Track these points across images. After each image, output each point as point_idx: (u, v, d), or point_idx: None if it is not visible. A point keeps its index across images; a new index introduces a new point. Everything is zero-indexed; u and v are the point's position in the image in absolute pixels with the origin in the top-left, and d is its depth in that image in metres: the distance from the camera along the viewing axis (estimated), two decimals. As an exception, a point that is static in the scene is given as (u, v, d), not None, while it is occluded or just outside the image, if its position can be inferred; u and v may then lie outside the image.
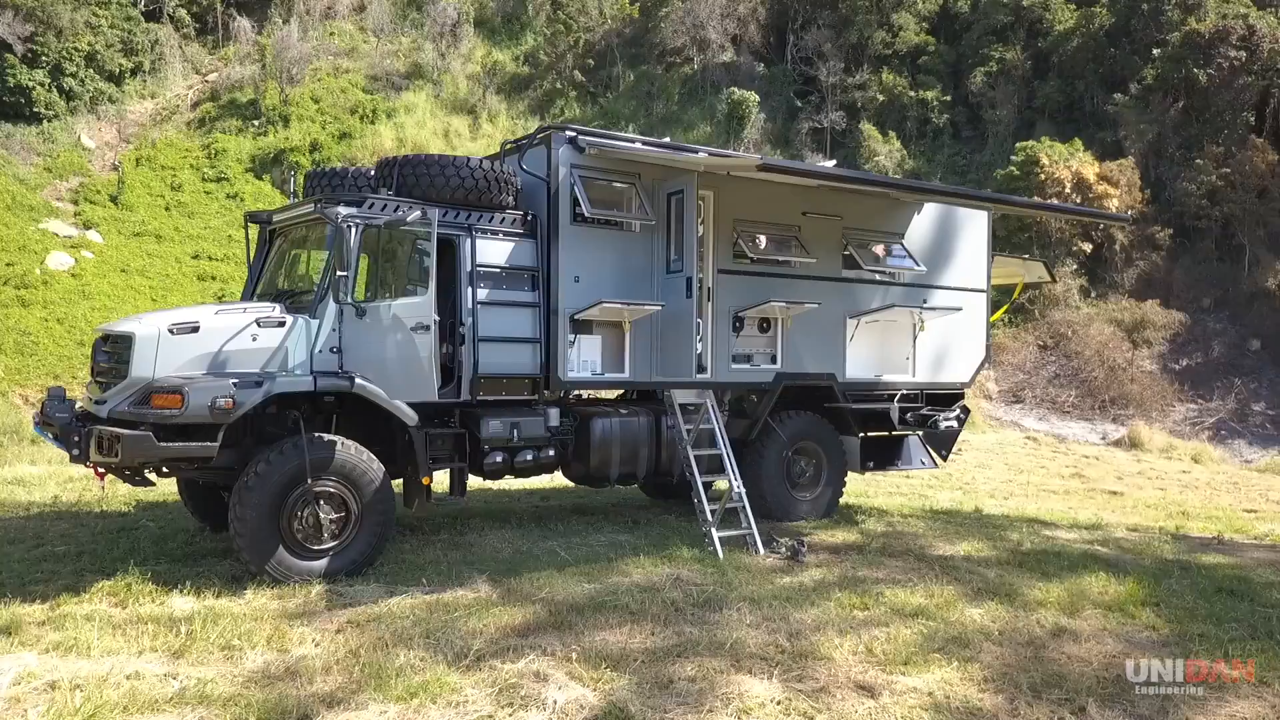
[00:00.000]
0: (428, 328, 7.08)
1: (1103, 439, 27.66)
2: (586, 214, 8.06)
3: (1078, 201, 31.17)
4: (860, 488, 14.12)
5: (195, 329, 6.81)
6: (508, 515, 10.37)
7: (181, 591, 6.82)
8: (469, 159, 8.00)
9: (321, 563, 7.09)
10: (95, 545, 8.20)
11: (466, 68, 42.62)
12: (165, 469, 7.18)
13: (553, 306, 8.16)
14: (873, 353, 10.26)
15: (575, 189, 8.09)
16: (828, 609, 6.98)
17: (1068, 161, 32.44)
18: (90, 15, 38.73)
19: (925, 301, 10.48)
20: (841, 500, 10.72)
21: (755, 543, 8.49)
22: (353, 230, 7.22)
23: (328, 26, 44.36)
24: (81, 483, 11.51)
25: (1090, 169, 32.48)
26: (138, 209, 29.59)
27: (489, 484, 12.21)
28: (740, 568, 7.88)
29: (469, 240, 7.84)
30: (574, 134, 8.21)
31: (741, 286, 9.17)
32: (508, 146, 8.99)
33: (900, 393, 10.38)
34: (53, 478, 12.18)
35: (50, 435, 6.95)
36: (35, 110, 36.61)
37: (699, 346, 8.58)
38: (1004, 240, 33.10)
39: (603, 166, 8.36)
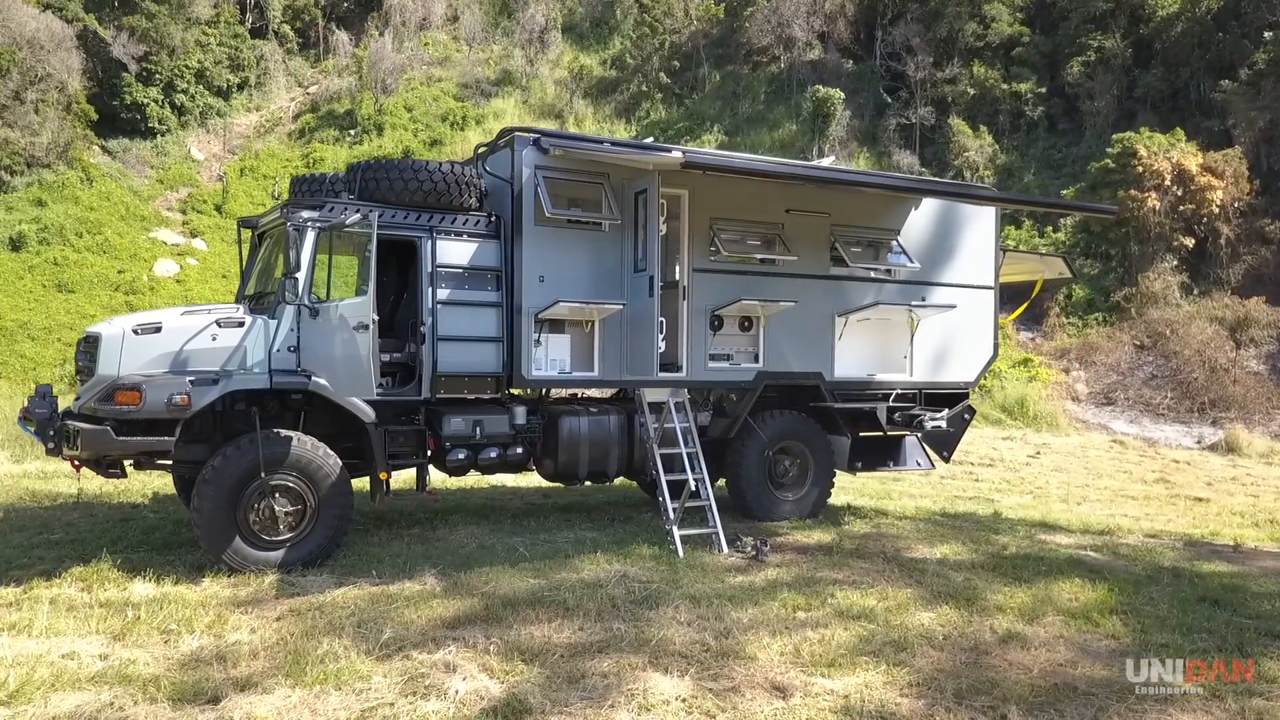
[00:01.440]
0: (367, 327, 7.30)
1: (1198, 443, 26.24)
2: (547, 213, 8.15)
3: (1178, 194, 29.76)
4: (915, 488, 13.89)
5: (158, 329, 7.16)
6: (486, 511, 10.56)
7: (144, 578, 7.18)
8: (428, 162, 8.20)
9: (278, 554, 7.38)
10: (89, 534, 8.70)
11: (554, 73, 43.32)
12: (135, 463, 7.58)
13: (516, 306, 8.27)
14: (866, 351, 10.07)
15: (539, 190, 8.19)
16: (769, 609, 6.93)
17: (1168, 153, 30.85)
18: (200, 34, 41.04)
19: (924, 299, 10.24)
20: (870, 502, 10.53)
21: (719, 541, 8.46)
22: (307, 233, 7.49)
23: (422, 37, 45.73)
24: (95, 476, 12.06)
25: (1192, 160, 30.77)
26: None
27: (483, 481, 12.52)
28: (696, 566, 7.86)
29: (430, 241, 8.04)
30: (537, 136, 8.32)
31: (718, 285, 9.13)
32: (481, 150, 9.16)
33: (895, 392, 10.17)
34: (88, 473, 12.88)
35: (31, 430, 7.41)
36: (149, 126, 39.05)
37: (662, 345, 8.58)
38: (1099, 237, 31.91)
39: (570, 167, 8.44)
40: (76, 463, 7.34)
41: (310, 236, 7.50)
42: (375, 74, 40.78)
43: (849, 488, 13.07)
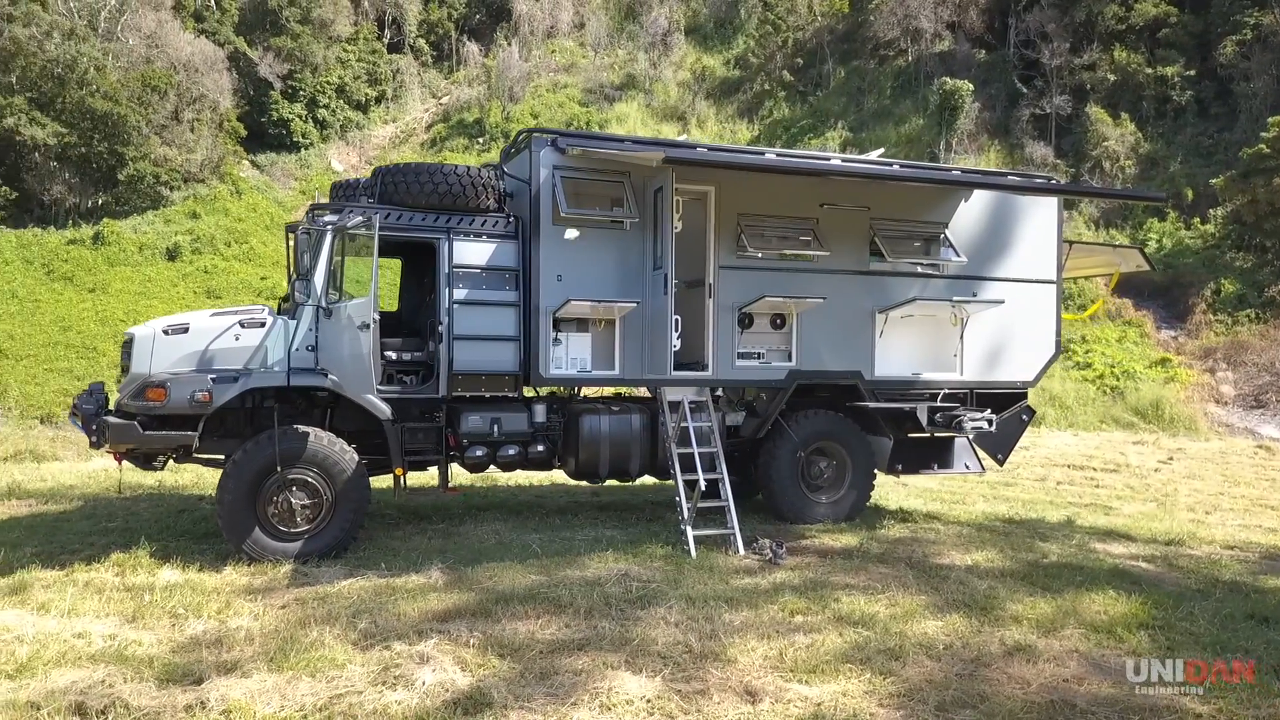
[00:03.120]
0: (368, 326, 7.50)
1: (1359, 452, 24.05)
2: (563, 213, 8.19)
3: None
4: (1025, 492, 13.29)
5: (186, 330, 7.59)
6: (518, 508, 10.70)
7: (173, 565, 7.60)
8: (445, 165, 8.37)
9: (296, 545, 7.69)
10: (144, 523, 9.27)
11: (677, 75, 43.64)
12: (174, 457, 8.03)
13: (533, 305, 8.36)
14: (911, 349, 9.70)
15: (555, 189, 8.25)
16: (766, 612, 6.77)
17: (1331, 134, 28.43)
18: (340, 51, 43.41)
19: (976, 295, 9.79)
20: (940, 506, 10.06)
21: (736, 543, 8.31)
22: (326, 236, 7.78)
23: (549, 45, 46.88)
24: (188, 471, 12.65)
25: (1360, 143, 28.25)
26: (375, 224, 33.32)
27: (523, 479, 12.62)
28: (704, 567, 7.75)
29: (447, 242, 8.21)
30: (554, 136, 8.37)
31: (746, 282, 8.96)
32: (511, 152, 9.29)
33: (943, 392, 9.75)
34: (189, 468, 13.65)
35: (79, 424, 7.95)
36: (294, 140, 41.61)
37: (677, 344, 8.48)
38: (1253, 228, 29.61)
39: (590, 167, 8.46)
40: (118, 455, 7.84)
41: (327, 239, 7.80)
42: (503, 83, 42.10)
43: (929, 492, 12.62)
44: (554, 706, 5.29)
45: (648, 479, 9.70)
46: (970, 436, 9.89)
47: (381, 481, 9.50)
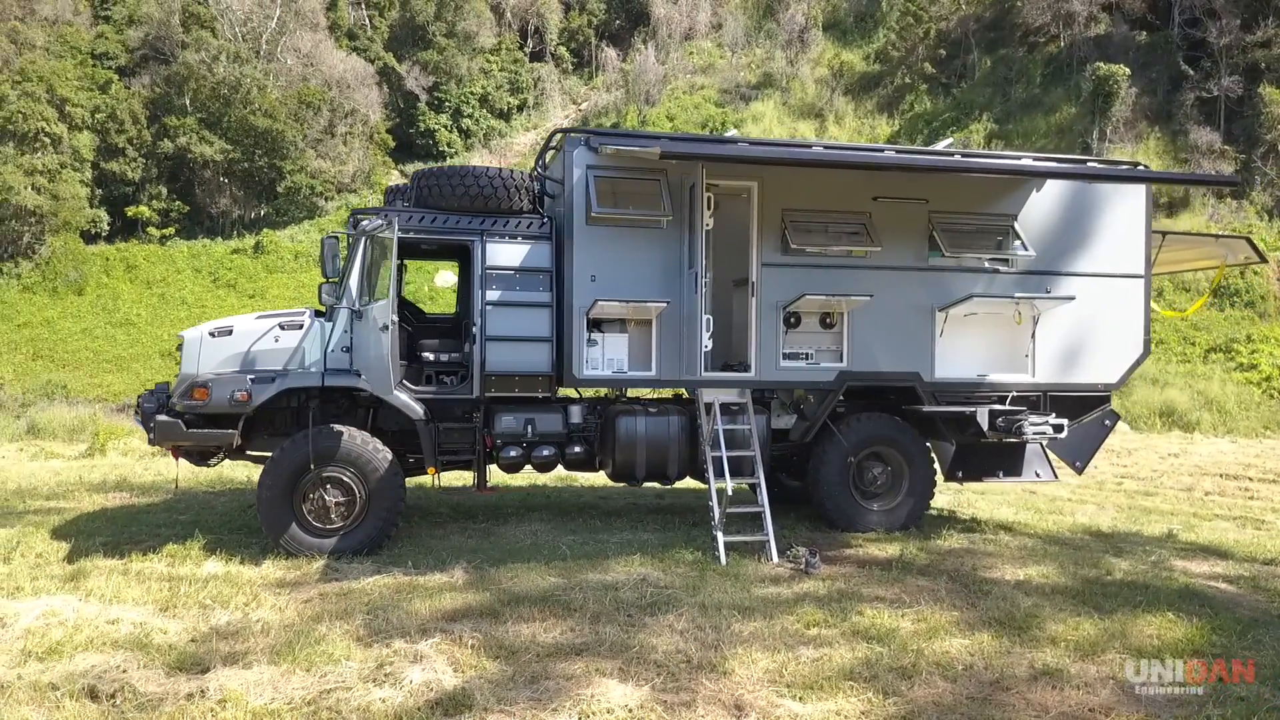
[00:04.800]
0: (387, 328, 7.62)
1: None
2: (593, 212, 8.12)
3: None
4: (1167, 503, 12.35)
5: (230, 332, 7.93)
6: (566, 509, 10.69)
7: (218, 557, 7.95)
8: (477, 168, 8.45)
9: (331, 541, 7.91)
10: (211, 517, 9.73)
11: (815, 72, 43.16)
12: (228, 454, 8.41)
13: (566, 306, 8.31)
14: (976, 349, 9.14)
15: (588, 189, 8.19)
16: (780, 623, 6.52)
17: None
18: (484, 62, 45.13)
19: (1049, 291, 9.16)
20: (1032, 517, 9.35)
21: (770, 550, 8.03)
22: (360, 240, 7.98)
23: (687, 47, 47.18)
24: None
25: None
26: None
27: (587, 479, 12.55)
28: (730, 574, 7.52)
29: (480, 244, 8.27)
30: (587, 136, 8.31)
31: (792, 280, 8.65)
32: (548, 155, 9.29)
33: (1011, 395, 9.16)
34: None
35: (140, 421, 8.42)
36: (440, 149, 43.54)
37: (709, 344, 8.25)
38: None
39: (625, 165, 8.36)
40: (175, 452, 8.27)
41: (360, 244, 7.99)
42: (639, 86, 42.62)
43: (1023, 499, 11.88)
44: (533, 712, 5.23)
45: (691, 482, 9.49)
46: (1039, 443, 9.25)
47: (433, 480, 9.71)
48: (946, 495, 12.33)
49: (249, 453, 8.46)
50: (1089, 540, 9.33)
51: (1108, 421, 9.46)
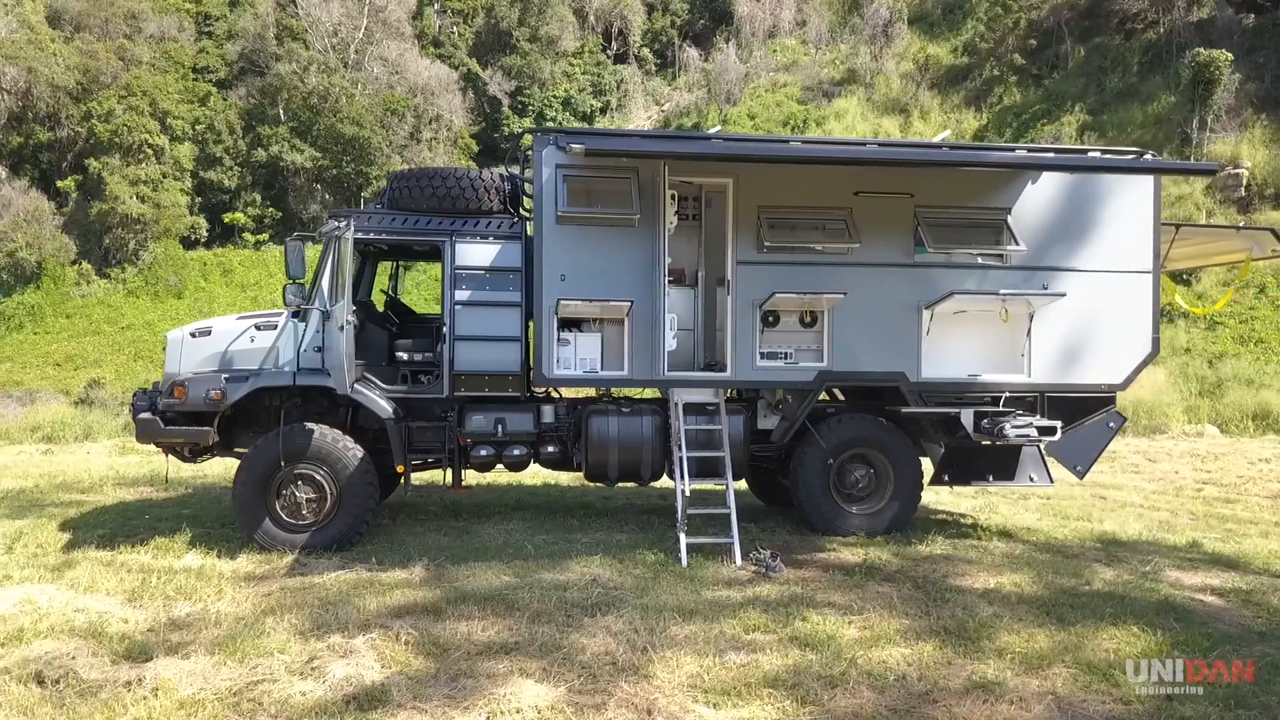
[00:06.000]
0: (343, 327, 7.72)
1: None
2: (559, 211, 8.12)
3: None
4: (1254, 514, 11.49)
5: (209, 333, 8.18)
6: (553, 508, 10.68)
7: (199, 551, 8.21)
8: (446, 169, 8.56)
9: (303, 536, 8.09)
10: (210, 512, 10.05)
11: (900, 66, 42.37)
12: (217, 452, 8.68)
13: (536, 305, 8.33)
14: (967, 348, 8.82)
15: (557, 187, 8.19)
16: (720, 627, 6.42)
17: None
18: (566, 65, 45.79)
19: (1046, 287, 8.79)
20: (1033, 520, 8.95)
21: (734, 552, 7.90)
22: (331, 242, 8.14)
23: (770, 45, 46.93)
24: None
25: None
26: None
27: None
28: (687, 576, 7.43)
29: (450, 244, 8.35)
30: (555, 135, 8.29)
31: (769, 278, 8.48)
32: (517, 156, 9.32)
33: (1005, 396, 8.82)
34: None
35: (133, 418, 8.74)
36: (526, 154, 44.16)
37: (673, 344, 8.16)
38: None
39: (595, 164, 8.32)
40: (165, 450, 8.57)
41: (332, 245, 8.15)
42: (720, 85, 42.57)
43: (1048, 505, 11.42)
44: (444, 710, 5.28)
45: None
46: (1025, 445, 8.87)
47: (423, 478, 9.87)
48: (969, 499, 11.96)
49: (236, 450, 8.72)
50: (1091, 548, 8.91)
51: (1112, 424, 9.03)
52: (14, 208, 37.60)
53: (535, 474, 11.55)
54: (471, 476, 11.28)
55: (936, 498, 11.98)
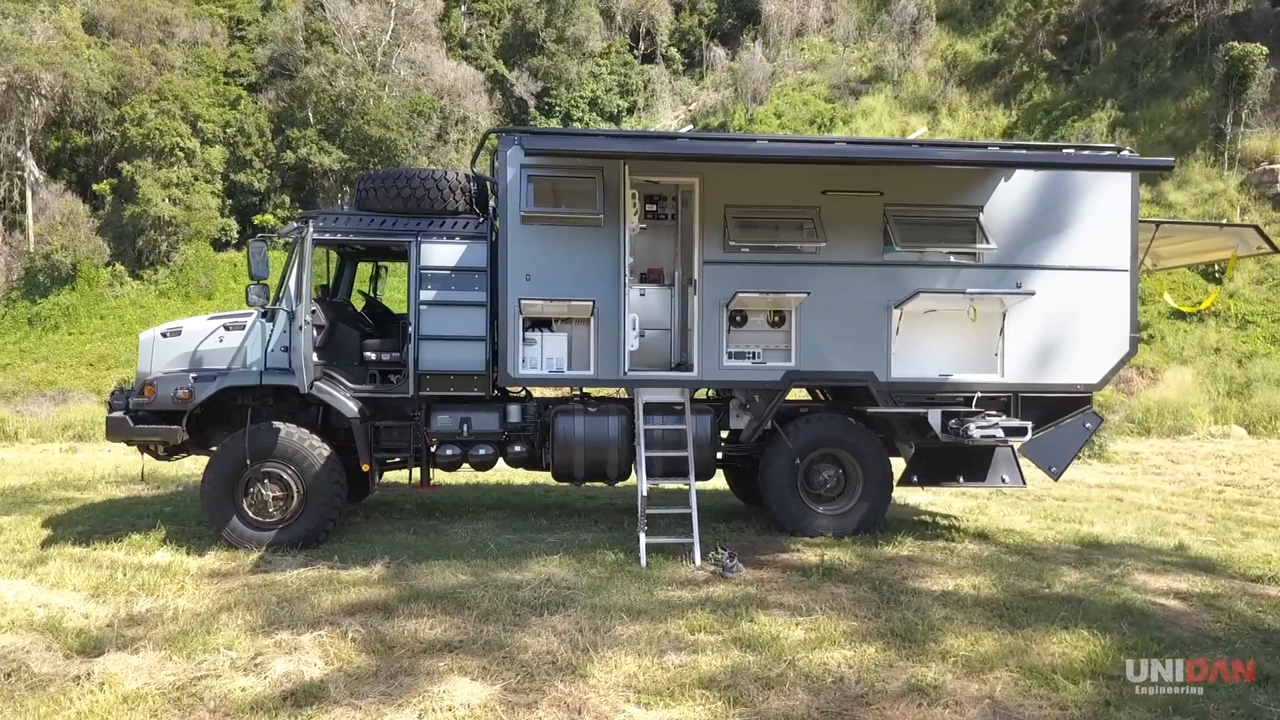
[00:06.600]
0: (301, 327, 7.79)
1: None
2: (522, 211, 8.14)
3: None
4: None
5: (179, 333, 8.31)
6: (530, 508, 10.72)
7: (169, 548, 8.34)
8: (411, 170, 8.63)
9: (269, 534, 8.19)
10: (191, 509, 10.19)
11: (928, 64, 42.01)
12: (192, 450, 8.81)
13: (500, 304, 8.36)
14: (938, 348, 8.73)
15: (520, 187, 8.22)
16: (665, 627, 6.42)
17: None
18: (593, 66, 45.95)
19: (1019, 285, 8.68)
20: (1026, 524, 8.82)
21: (694, 552, 7.88)
22: (298, 243, 8.24)
23: (798, 43, 46.76)
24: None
25: None
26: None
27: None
28: (643, 576, 7.43)
29: (416, 245, 8.41)
30: (519, 135, 8.31)
31: (735, 278, 8.45)
32: (480, 156, 9.36)
33: (976, 396, 8.72)
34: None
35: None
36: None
37: (634, 344, 8.15)
38: None
39: (559, 164, 8.34)
40: (140, 448, 8.71)
41: (298, 246, 8.25)
42: (746, 84, 42.49)
43: (1053, 508, 11.22)
44: (378, 707, 5.33)
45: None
46: (991, 445, 8.75)
47: (398, 477, 9.95)
48: (963, 500, 11.83)
49: (211, 448, 8.84)
50: (1066, 551, 8.77)
51: (1089, 424, 8.89)
52: (50, 210, 38.40)
53: (519, 473, 11.57)
54: (460, 475, 11.39)
55: (931, 499, 11.88)
